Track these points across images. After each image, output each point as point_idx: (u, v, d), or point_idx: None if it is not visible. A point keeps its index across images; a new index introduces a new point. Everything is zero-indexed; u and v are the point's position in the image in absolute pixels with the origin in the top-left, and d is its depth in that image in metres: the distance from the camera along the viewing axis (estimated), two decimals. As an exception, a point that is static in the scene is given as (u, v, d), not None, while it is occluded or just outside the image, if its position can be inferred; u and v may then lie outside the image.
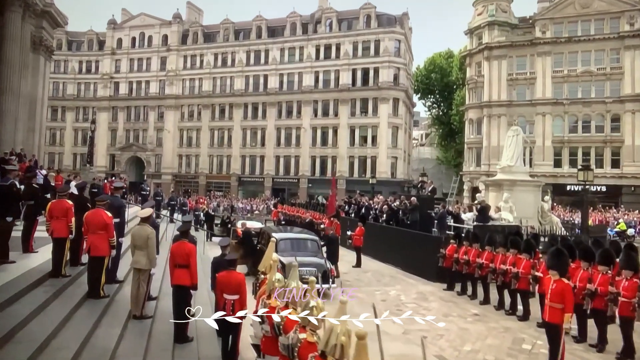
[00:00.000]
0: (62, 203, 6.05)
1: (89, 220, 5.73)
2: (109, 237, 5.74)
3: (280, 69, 41.69)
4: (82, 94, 48.69)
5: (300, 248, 9.56)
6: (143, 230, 5.61)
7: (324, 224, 15.55)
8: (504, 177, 14.48)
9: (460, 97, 39.29)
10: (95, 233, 5.70)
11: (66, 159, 47.47)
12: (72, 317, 5.05)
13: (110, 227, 5.75)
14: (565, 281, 5.52)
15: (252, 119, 42.65)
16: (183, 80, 45.34)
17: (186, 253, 5.38)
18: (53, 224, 5.99)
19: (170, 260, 5.55)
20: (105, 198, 5.95)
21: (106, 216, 5.72)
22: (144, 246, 5.59)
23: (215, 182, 43.55)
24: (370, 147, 38.23)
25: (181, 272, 5.35)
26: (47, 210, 6.04)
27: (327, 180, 39.18)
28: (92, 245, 5.67)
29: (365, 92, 38.53)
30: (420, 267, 11.11)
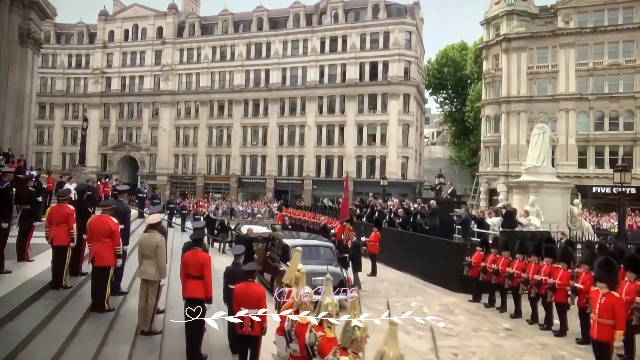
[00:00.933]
0: (63, 208, 5.94)
1: (93, 227, 5.61)
2: (115, 245, 5.61)
3: (282, 63, 41.62)
4: (72, 89, 48.78)
5: (313, 255, 9.41)
6: (151, 237, 5.48)
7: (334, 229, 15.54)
8: (529, 179, 14.29)
9: (475, 92, 39.06)
10: (99, 241, 5.57)
11: (55, 158, 47.59)
12: (77, 334, 4.93)
13: (116, 235, 5.62)
14: (615, 295, 5.35)
15: (252, 117, 42.59)
16: (179, 75, 45.34)
17: (200, 263, 5.24)
18: (53, 231, 5.88)
19: (182, 270, 5.41)
20: (111, 203, 5.83)
21: (112, 223, 5.59)
22: (152, 255, 5.46)
23: (214, 183, 43.51)
24: (380, 146, 38.08)
25: (194, 284, 5.21)
26: (47, 216, 5.94)
27: (332, 182, 39.25)
28: (96, 255, 5.55)
29: (373, 87, 38.38)
30: (442, 276, 10.95)
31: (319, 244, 9.95)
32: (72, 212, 5.91)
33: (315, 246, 9.69)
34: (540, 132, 14.45)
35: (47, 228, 5.97)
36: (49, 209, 6.09)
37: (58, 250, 5.90)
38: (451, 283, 10.53)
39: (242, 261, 5.96)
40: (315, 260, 9.15)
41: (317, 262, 9.05)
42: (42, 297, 5.55)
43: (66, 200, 6.00)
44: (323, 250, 9.52)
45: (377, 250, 12.32)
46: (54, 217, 5.91)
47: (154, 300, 5.51)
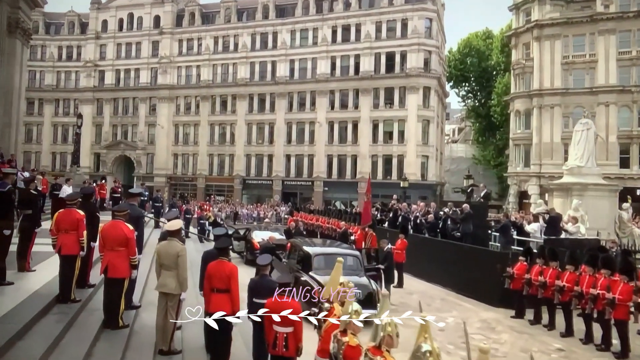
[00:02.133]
0: (72, 213, 5.85)
1: (107, 235, 5.51)
2: (130, 254, 5.51)
3: (290, 55, 41.61)
4: (62, 84, 49.32)
5: (337, 265, 9.26)
6: (171, 246, 5.37)
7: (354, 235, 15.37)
8: (572, 180, 14.00)
9: (502, 84, 38.67)
10: (113, 250, 5.47)
11: (44, 158, 48.12)
12: (93, 354, 4.84)
13: (132, 243, 5.53)
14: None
15: (258, 113, 42.62)
16: (178, 68, 45.57)
17: (226, 275, 5.13)
18: (61, 239, 5.80)
19: (206, 283, 5.29)
20: (125, 207, 5.73)
21: (127, 230, 5.49)
22: (172, 266, 5.34)
23: (216, 185, 43.62)
24: (397, 144, 37.86)
25: (220, 298, 5.11)
26: (54, 222, 5.86)
27: (345, 183, 39.18)
28: (109, 265, 5.45)
29: (390, 80, 38.20)
30: (478, 288, 10.72)
31: (344, 252, 9.78)
32: (82, 217, 5.82)
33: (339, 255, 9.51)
34: (583, 128, 14.16)
35: (53, 235, 5.88)
36: (56, 214, 6.00)
37: (66, 260, 5.81)
38: (490, 296, 10.30)
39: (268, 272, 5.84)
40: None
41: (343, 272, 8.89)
42: (50, 312, 5.47)
43: (75, 205, 5.91)
44: (350, 259, 9.37)
45: (404, 259, 12.12)
46: (62, 223, 5.83)
47: (173, 316, 5.37)
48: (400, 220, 15.48)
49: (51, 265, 7.60)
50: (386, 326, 3.37)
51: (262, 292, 5.48)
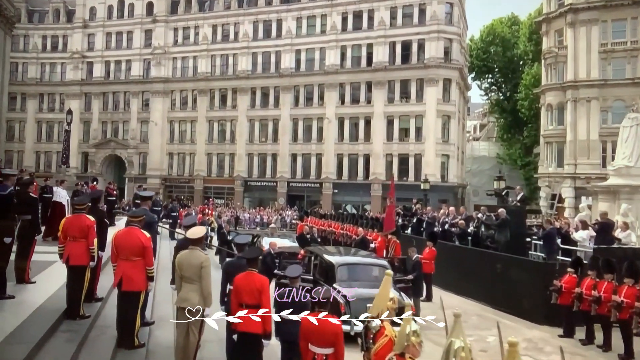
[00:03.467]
0: (81, 219, 5.79)
1: (120, 243, 5.42)
2: (147, 265, 5.41)
3: (296, 44, 41.58)
4: (47, 77, 49.61)
5: (365, 276, 9.17)
6: (194, 256, 5.26)
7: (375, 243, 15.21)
8: (620, 182, 13.78)
9: (530, 76, 38.41)
10: (128, 260, 5.39)
11: (27, 158, 48.37)
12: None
13: (149, 252, 5.44)
14: None
15: (261, 108, 42.61)
16: (173, 59, 45.69)
17: (257, 289, 5.01)
18: (69, 247, 5.75)
19: (233, 297, 5.17)
20: (141, 213, 5.63)
21: (143, 237, 5.41)
22: (195, 278, 5.23)
23: (215, 187, 43.63)
24: (414, 142, 37.69)
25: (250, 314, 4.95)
26: (62, 229, 5.78)
27: (356, 185, 39.08)
28: (124, 277, 5.35)
29: (406, 71, 38.07)
30: (520, 303, 10.54)
31: (371, 261, 9.69)
32: (93, 224, 5.76)
33: (368, 265, 9.42)
34: (632, 123, 13.94)
35: (61, 244, 5.82)
36: (64, 220, 5.94)
37: (75, 271, 5.75)
38: (533, 313, 10.12)
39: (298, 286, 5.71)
40: (368, 282, 8.91)
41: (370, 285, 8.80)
42: (59, 330, 5.41)
43: (84, 210, 5.83)
44: (378, 270, 9.21)
45: (432, 270, 11.96)
46: (70, 230, 5.76)
47: (196, 335, 5.26)
48: (425, 226, 15.33)
49: (52, 275, 7.57)
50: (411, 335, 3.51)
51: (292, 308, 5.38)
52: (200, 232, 5.42)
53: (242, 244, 5.96)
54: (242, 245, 5.96)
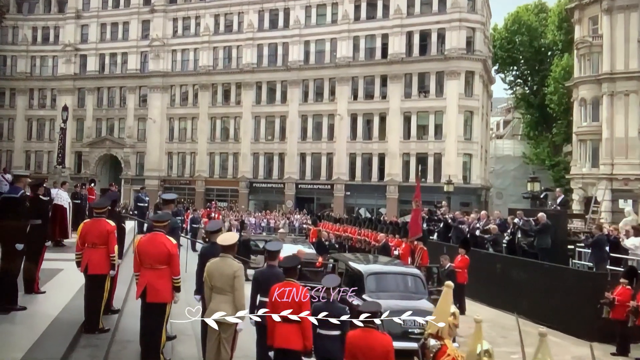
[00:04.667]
0: (101, 224, 5.79)
1: (144, 251, 5.37)
2: (173, 274, 5.36)
3: (305, 35, 41.58)
4: (38, 71, 49.99)
5: (397, 287, 9.08)
6: (226, 264, 5.22)
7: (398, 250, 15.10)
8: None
9: (560, 67, 38.10)
10: (153, 269, 5.34)
11: (16, 157, 48.78)
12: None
13: (175, 260, 5.40)
14: None
15: (267, 104, 42.64)
16: (172, 51, 45.86)
17: (297, 301, 4.91)
18: (88, 255, 5.77)
19: (271, 309, 5.08)
20: (167, 217, 5.57)
21: (169, 244, 5.37)
22: (227, 289, 5.19)
23: (218, 189, 43.70)
24: (433, 140, 37.53)
25: (288, 330, 4.93)
26: (79, 234, 5.76)
27: (371, 187, 38.95)
28: (149, 287, 5.31)
29: (425, 64, 37.92)
30: (565, 317, 10.40)
31: (403, 270, 9.59)
32: (113, 229, 5.76)
33: (400, 274, 9.32)
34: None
35: (78, 251, 5.81)
36: (82, 225, 5.91)
37: (94, 280, 5.76)
38: (581, 328, 9.97)
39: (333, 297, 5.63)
40: (401, 293, 8.83)
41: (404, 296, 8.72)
42: (79, 345, 5.43)
43: (104, 214, 5.81)
44: (412, 280, 9.13)
45: (465, 280, 11.85)
46: (88, 235, 5.76)
47: (228, 350, 5.22)
48: (454, 232, 15.20)
49: (61, 284, 7.59)
50: (482, 355, 3.57)
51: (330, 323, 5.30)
52: (232, 238, 5.38)
53: (274, 251, 5.88)
54: (275, 252, 5.88)
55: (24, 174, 6.55)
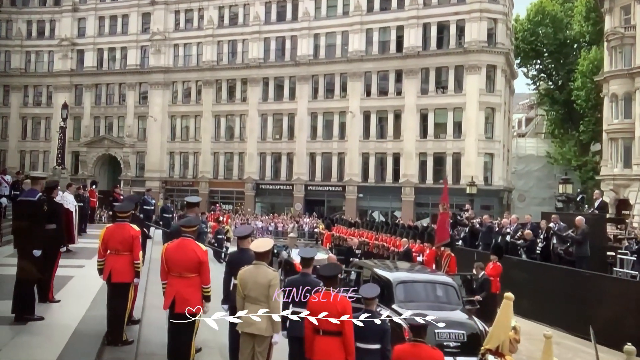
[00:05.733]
0: (124, 229, 5.79)
1: (173, 258, 5.34)
2: (203, 282, 5.33)
3: (314, 28, 41.61)
4: (33, 67, 50.40)
5: (429, 296, 8.99)
6: (260, 273, 5.17)
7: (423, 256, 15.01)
8: None
9: (588, 61, 37.82)
10: (182, 277, 5.31)
11: (11, 157, 49.18)
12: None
13: (205, 268, 5.36)
14: None
15: (274, 101, 42.71)
16: (174, 46, 46.05)
17: (338, 312, 4.90)
18: (111, 262, 5.77)
19: (308, 323, 5.02)
20: (195, 222, 5.54)
21: (200, 251, 5.34)
22: (262, 299, 5.14)
23: (222, 190, 43.77)
24: (452, 139, 37.40)
25: (329, 344, 4.91)
26: (102, 240, 5.75)
27: (385, 189, 38.83)
28: (178, 297, 5.27)
29: (443, 57, 37.79)
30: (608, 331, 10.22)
31: (436, 279, 9.49)
32: (138, 234, 5.77)
33: (432, 283, 9.22)
34: None
35: (100, 258, 5.79)
36: (103, 230, 5.89)
37: (117, 289, 5.76)
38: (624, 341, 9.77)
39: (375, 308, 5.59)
40: (434, 303, 8.73)
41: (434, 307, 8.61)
42: (103, 358, 5.39)
43: (128, 218, 5.79)
44: (445, 289, 9.02)
45: (498, 289, 11.71)
46: (111, 241, 5.76)
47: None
48: (481, 237, 15.10)
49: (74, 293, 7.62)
50: None
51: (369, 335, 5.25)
52: (267, 245, 5.32)
53: (308, 258, 5.83)
54: (308, 259, 5.83)
55: (41, 176, 6.56)
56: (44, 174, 8.34)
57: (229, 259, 6.31)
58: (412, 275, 9.62)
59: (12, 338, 5.43)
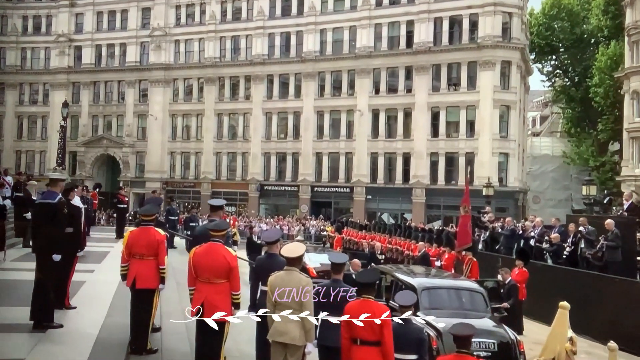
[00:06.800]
0: (150, 233, 5.80)
1: (201, 263, 5.35)
2: (233, 289, 5.33)
3: (321, 23, 41.60)
4: (29, 64, 50.55)
5: (454, 303, 8.94)
6: (293, 279, 5.18)
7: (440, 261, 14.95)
8: None
9: (606, 56, 37.67)
10: (210, 283, 5.31)
11: (6, 158, 49.25)
12: None
13: (235, 273, 5.36)
14: None
15: (279, 99, 42.74)
16: (175, 42, 46.13)
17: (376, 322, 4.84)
18: (135, 267, 5.77)
19: (345, 332, 5.01)
20: (224, 226, 5.52)
21: (230, 256, 5.35)
22: (294, 306, 5.12)
23: (225, 192, 43.49)
24: (465, 138, 37.33)
25: (368, 353, 4.90)
26: (126, 244, 5.73)
27: (394, 190, 38.77)
28: (207, 305, 5.27)
29: (455, 53, 37.73)
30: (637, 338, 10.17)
31: (463, 285, 9.43)
32: (163, 239, 5.76)
33: (458, 289, 9.17)
34: None
35: (124, 262, 5.77)
36: (127, 234, 5.88)
37: (142, 295, 5.76)
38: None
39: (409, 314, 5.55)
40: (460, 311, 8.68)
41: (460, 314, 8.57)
42: None
43: (152, 222, 5.78)
44: (472, 296, 8.98)
45: (524, 296, 11.67)
46: (135, 246, 5.76)
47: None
48: (503, 241, 15.03)
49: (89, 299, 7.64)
50: None
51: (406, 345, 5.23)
52: (299, 250, 5.30)
53: (339, 263, 5.79)
54: (340, 265, 5.79)
55: (60, 177, 6.57)
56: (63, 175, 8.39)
57: (256, 264, 6.30)
58: (436, 281, 9.59)
59: (33, 347, 5.43)
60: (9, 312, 6.66)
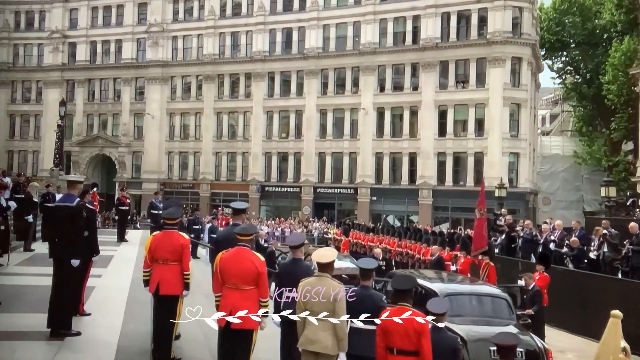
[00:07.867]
0: (174, 237, 5.79)
1: (228, 268, 5.32)
2: (261, 296, 5.31)
3: (324, 19, 41.65)
4: (21, 61, 50.56)
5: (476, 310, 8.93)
6: (324, 285, 5.12)
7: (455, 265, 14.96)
8: None
9: (620, 52, 37.58)
10: (238, 289, 5.29)
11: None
12: None
13: (264, 279, 5.33)
14: None
15: (281, 97, 42.79)
16: (173, 38, 46.19)
17: (414, 330, 4.88)
18: (159, 272, 5.75)
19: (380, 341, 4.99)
20: (252, 230, 5.51)
21: (258, 261, 5.31)
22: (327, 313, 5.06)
23: (225, 193, 43.80)
24: (474, 137, 37.37)
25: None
26: (148, 249, 5.71)
27: (400, 191, 38.79)
28: (234, 311, 5.19)
29: (463, 49, 37.76)
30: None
31: (484, 290, 9.41)
32: (187, 243, 5.75)
33: (481, 295, 9.16)
34: None
35: (147, 268, 5.75)
36: (150, 238, 5.86)
37: (165, 302, 5.74)
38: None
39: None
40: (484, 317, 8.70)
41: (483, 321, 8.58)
42: None
43: (176, 226, 5.77)
44: (495, 302, 8.98)
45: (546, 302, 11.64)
46: (159, 250, 5.73)
47: (329, 385, 5.10)
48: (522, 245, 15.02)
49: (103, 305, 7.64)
50: None
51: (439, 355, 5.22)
52: (330, 255, 5.28)
53: (369, 269, 5.77)
54: (370, 271, 5.78)
55: (78, 180, 6.53)
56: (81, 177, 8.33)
57: (280, 269, 6.29)
58: (459, 287, 9.56)
59: (54, 355, 5.41)
60: (22, 319, 6.66)
